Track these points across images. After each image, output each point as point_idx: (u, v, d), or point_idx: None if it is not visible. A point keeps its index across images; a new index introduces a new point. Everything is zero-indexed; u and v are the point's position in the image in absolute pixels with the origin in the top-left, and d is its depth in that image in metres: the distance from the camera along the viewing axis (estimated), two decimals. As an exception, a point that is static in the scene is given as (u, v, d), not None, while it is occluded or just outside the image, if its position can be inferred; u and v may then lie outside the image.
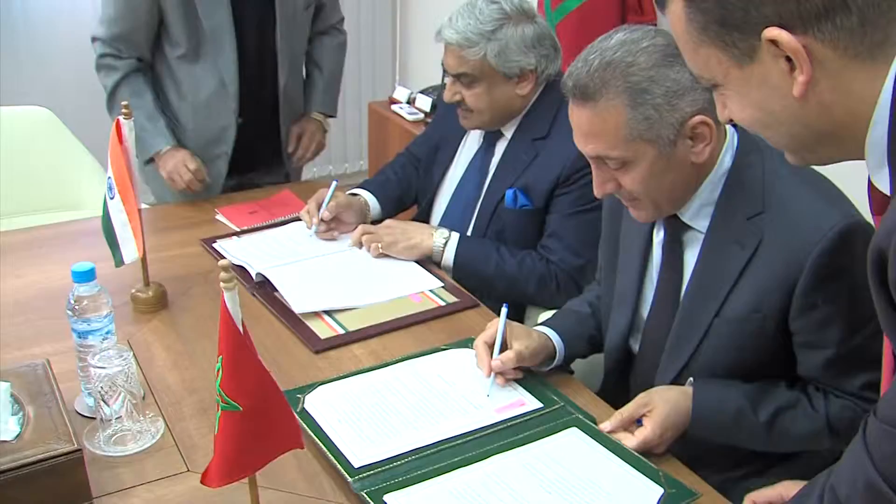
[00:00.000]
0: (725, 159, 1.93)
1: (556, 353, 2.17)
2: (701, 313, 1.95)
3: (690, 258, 2.00)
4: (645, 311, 2.13)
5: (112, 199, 2.28)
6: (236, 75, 3.12)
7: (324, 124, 3.54)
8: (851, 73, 1.16)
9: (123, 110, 2.22)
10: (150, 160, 3.15)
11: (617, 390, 2.20)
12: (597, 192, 1.98)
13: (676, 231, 2.01)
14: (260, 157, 3.39)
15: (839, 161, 1.31)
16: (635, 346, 2.18)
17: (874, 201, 1.26)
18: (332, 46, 3.53)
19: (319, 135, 3.51)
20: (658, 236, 2.08)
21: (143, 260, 2.34)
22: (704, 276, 1.95)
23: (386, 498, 1.72)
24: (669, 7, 1.28)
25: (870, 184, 1.24)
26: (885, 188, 1.21)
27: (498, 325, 2.11)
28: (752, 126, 1.30)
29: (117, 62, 3.12)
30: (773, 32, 1.16)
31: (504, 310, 2.12)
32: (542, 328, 2.21)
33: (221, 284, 1.39)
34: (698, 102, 1.82)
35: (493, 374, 2.07)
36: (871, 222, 1.25)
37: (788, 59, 1.17)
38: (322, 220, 2.77)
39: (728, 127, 1.95)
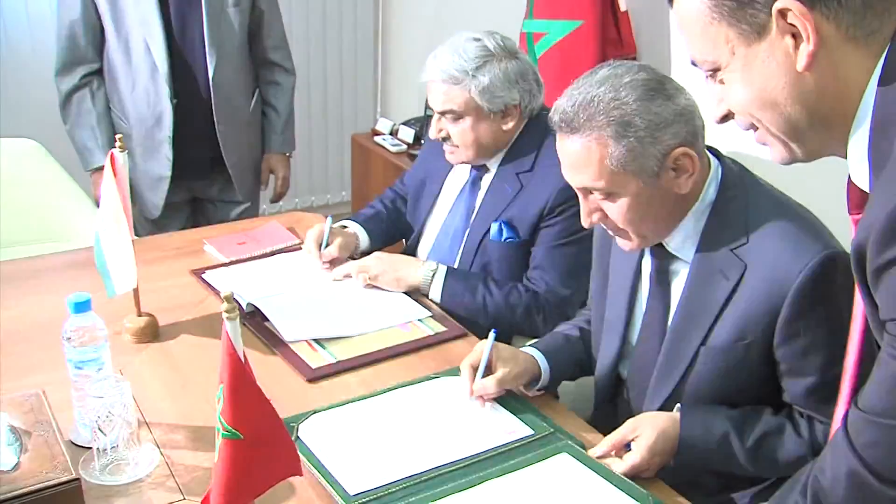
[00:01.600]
0: (710, 191, 1.98)
1: (541, 374, 2.22)
2: (687, 342, 2.00)
3: (677, 288, 2.04)
4: (634, 337, 2.17)
5: (105, 230, 2.31)
6: (166, 59, 3.40)
7: (287, 157, 3.95)
8: (847, 54, 1.24)
9: (117, 144, 2.25)
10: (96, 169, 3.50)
11: (606, 415, 2.24)
12: (584, 223, 2.04)
13: (663, 261, 2.06)
14: (199, 149, 3.60)
15: (824, 155, 1.37)
16: (624, 372, 2.22)
17: (851, 199, 1.33)
18: (287, 89, 3.85)
19: (283, 170, 3.91)
20: (646, 266, 2.12)
21: (136, 291, 2.36)
22: (690, 305, 1.99)
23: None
24: None
25: (848, 182, 1.31)
26: (863, 184, 1.28)
27: (484, 348, 2.15)
28: (751, 107, 1.35)
29: (72, 70, 3.48)
30: (785, 3, 1.22)
31: (492, 334, 2.16)
32: (529, 349, 2.26)
33: (224, 314, 1.41)
34: (680, 135, 1.88)
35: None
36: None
37: (794, 35, 1.24)
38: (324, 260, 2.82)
39: (713, 160, 2.01)
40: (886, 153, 1.20)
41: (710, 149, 2.04)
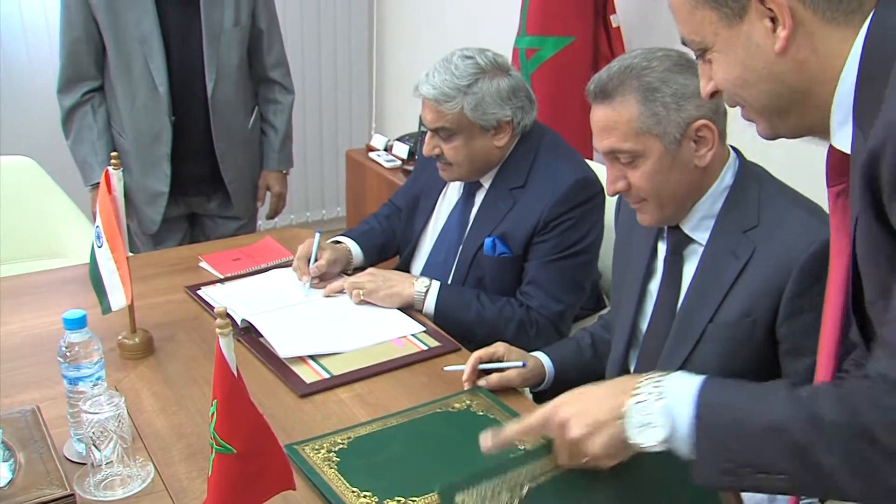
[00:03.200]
0: (727, 176, 2.08)
1: (545, 376, 2.35)
2: (695, 320, 2.06)
3: (689, 271, 2.12)
4: (644, 325, 2.23)
5: (100, 247, 2.31)
6: (166, 77, 3.43)
7: (284, 175, 3.98)
8: (826, 34, 1.31)
9: (113, 161, 2.27)
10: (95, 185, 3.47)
11: None
12: (608, 191, 2.12)
13: (678, 244, 2.14)
14: (197, 165, 3.63)
15: (805, 134, 1.44)
16: (632, 366, 2.28)
17: (831, 167, 1.40)
18: (286, 107, 3.86)
19: (280, 187, 3.94)
20: (661, 252, 2.19)
21: (130, 307, 2.37)
22: (701, 285, 2.07)
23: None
24: None
25: (829, 152, 1.38)
26: (845, 147, 1.34)
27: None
28: (735, 86, 1.43)
29: (74, 87, 3.51)
30: None
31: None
32: (537, 353, 2.38)
33: (217, 330, 1.42)
34: (703, 109, 2.00)
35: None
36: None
37: (772, 19, 1.32)
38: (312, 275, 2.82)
39: (730, 149, 2.11)
40: (878, 95, 1.24)
41: (731, 146, 2.14)
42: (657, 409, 1.37)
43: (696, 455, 1.34)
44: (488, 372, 2.27)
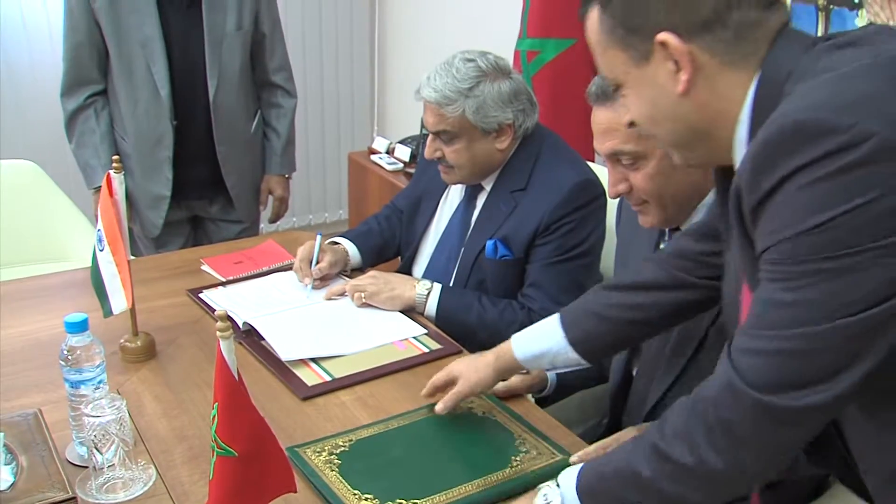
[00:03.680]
0: None
1: (547, 382, 2.35)
2: (698, 324, 2.04)
3: None
4: None
5: (102, 250, 2.31)
6: (168, 81, 3.42)
7: (287, 179, 3.98)
8: (725, 77, 1.40)
9: (114, 165, 2.27)
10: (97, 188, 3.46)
11: (620, 414, 2.29)
12: (610, 193, 2.12)
13: None
14: (199, 169, 3.63)
15: (714, 164, 1.56)
16: (635, 370, 2.27)
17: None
18: (288, 111, 3.86)
19: (282, 191, 3.95)
20: None
21: (132, 310, 2.37)
22: None
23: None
24: (588, 15, 1.53)
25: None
26: None
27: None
28: (645, 122, 1.52)
29: (77, 91, 3.52)
30: (663, 36, 1.39)
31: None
32: None
33: (218, 333, 1.42)
34: None
35: None
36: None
37: (675, 62, 1.40)
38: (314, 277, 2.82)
39: None
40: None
41: None
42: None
43: None
44: None
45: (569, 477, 1.64)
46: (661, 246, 2.20)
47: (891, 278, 1.22)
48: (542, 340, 2.06)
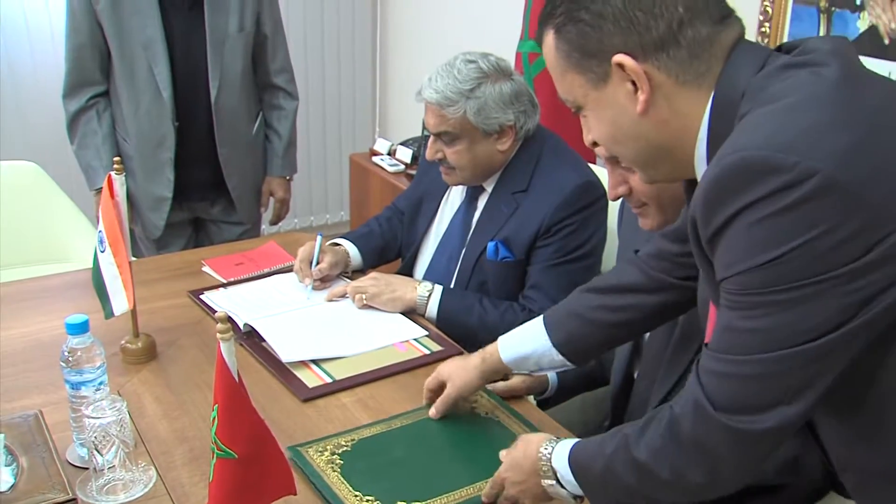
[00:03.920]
0: None
1: (549, 384, 2.36)
2: (698, 327, 2.00)
3: None
4: (647, 334, 2.21)
5: (103, 252, 2.32)
6: (170, 82, 3.42)
7: (288, 181, 3.98)
8: (682, 95, 1.43)
9: (115, 166, 2.27)
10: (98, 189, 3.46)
11: (621, 416, 2.29)
12: (610, 195, 2.09)
13: None
14: (200, 171, 3.63)
15: (678, 179, 1.60)
16: (637, 372, 2.27)
17: None
18: (290, 113, 3.86)
19: (283, 192, 3.95)
20: None
21: (133, 311, 2.37)
22: (704, 291, 2.02)
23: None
24: (544, 40, 1.54)
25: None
26: None
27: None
28: (607, 142, 1.54)
29: (79, 92, 3.51)
30: (620, 58, 1.42)
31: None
32: None
33: (218, 335, 1.43)
34: None
35: None
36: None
37: (633, 83, 1.43)
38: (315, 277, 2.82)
39: None
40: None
41: None
42: (557, 488, 1.71)
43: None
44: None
45: (566, 475, 1.68)
46: None
47: (842, 306, 1.26)
48: (527, 343, 2.09)
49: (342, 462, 1.96)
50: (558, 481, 1.69)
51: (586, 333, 2.02)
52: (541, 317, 2.08)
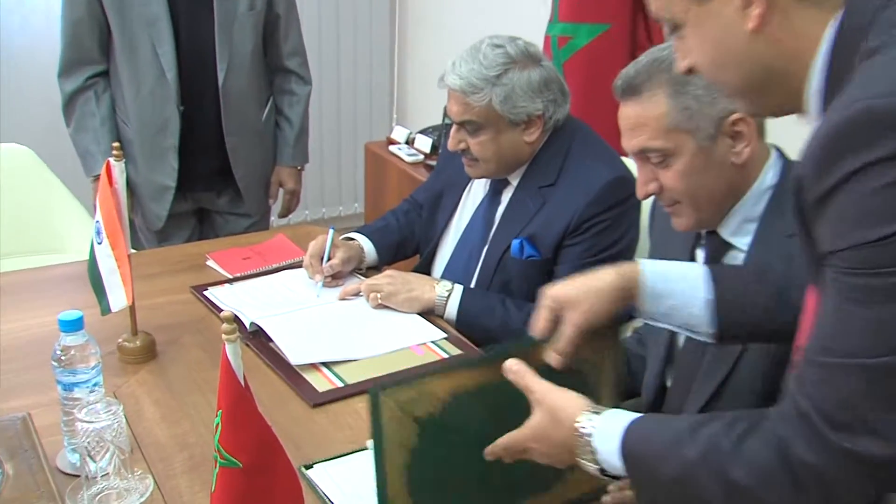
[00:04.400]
0: (768, 176, 2.05)
1: None
2: None
3: None
4: (681, 341, 2.19)
5: (100, 243, 2.31)
6: (174, 63, 3.39)
7: (299, 171, 3.96)
8: (801, 13, 1.32)
9: (114, 152, 2.26)
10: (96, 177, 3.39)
11: None
12: (639, 193, 2.09)
13: (717, 251, 2.10)
14: (206, 159, 3.62)
15: (785, 113, 1.47)
16: (669, 382, 2.25)
17: None
18: (302, 98, 3.84)
19: (294, 183, 3.92)
20: (700, 260, 2.15)
21: (132, 308, 2.36)
22: None
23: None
24: None
25: None
26: None
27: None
28: (709, 67, 1.44)
29: (76, 71, 3.49)
30: None
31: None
32: None
33: (224, 336, 1.41)
34: None
35: None
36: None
37: None
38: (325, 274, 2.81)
39: (771, 149, 2.08)
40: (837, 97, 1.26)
41: (773, 145, 2.11)
42: (596, 463, 1.54)
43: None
44: None
45: (609, 452, 1.51)
46: (698, 251, 2.17)
47: None
48: (681, 277, 1.82)
49: (416, 445, 1.69)
50: (596, 461, 1.54)
51: (759, 305, 1.79)
52: (699, 265, 1.90)
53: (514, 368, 1.67)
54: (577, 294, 1.77)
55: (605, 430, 1.52)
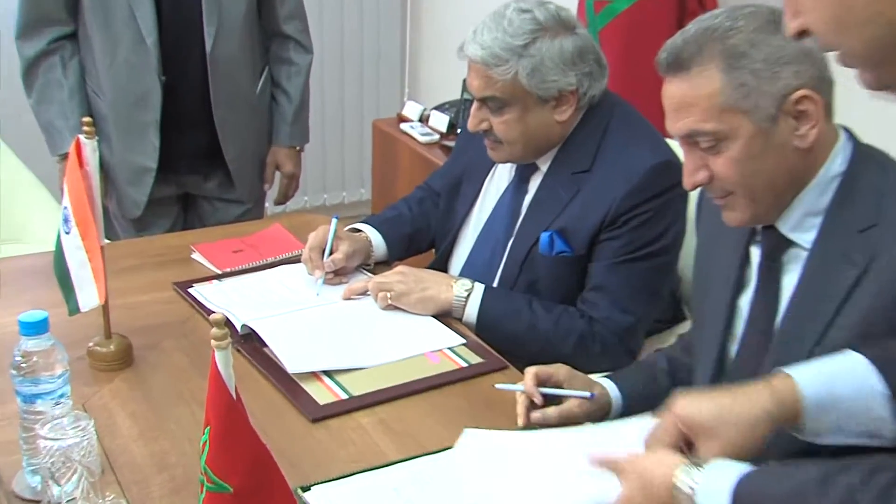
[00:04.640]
0: (836, 162, 2.01)
1: (611, 409, 2.29)
2: (799, 342, 1.97)
3: (789, 283, 2.04)
4: (733, 350, 2.17)
5: (68, 233, 2.31)
6: (155, 27, 3.36)
7: (298, 151, 3.94)
8: None
9: (85, 128, 2.24)
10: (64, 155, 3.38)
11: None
12: (686, 184, 2.06)
13: (776, 248, 2.07)
14: (192, 137, 3.59)
15: None
16: None
17: None
18: (303, 69, 3.80)
19: (292, 166, 3.90)
20: (755, 259, 2.13)
21: (105, 307, 2.36)
22: (806, 299, 2.00)
23: None
24: None
25: None
26: None
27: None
28: (829, 29, 1.34)
29: (38, 32, 3.44)
30: None
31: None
32: (601, 379, 2.32)
33: (213, 342, 1.40)
34: (804, 76, 1.93)
35: None
36: None
37: None
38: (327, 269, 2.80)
39: (840, 131, 2.03)
40: None
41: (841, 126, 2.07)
42: None
43: None
44: (546, 399, 2.22)
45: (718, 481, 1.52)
46: (752, 248, 2.15)
47: None
48: (842, 380, 1.75)
49: None
50: None
51: None
52: (854, 353, 1.81)
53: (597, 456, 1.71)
54: (715, 423, 1.71)
55: (710, 487, 1.52)
